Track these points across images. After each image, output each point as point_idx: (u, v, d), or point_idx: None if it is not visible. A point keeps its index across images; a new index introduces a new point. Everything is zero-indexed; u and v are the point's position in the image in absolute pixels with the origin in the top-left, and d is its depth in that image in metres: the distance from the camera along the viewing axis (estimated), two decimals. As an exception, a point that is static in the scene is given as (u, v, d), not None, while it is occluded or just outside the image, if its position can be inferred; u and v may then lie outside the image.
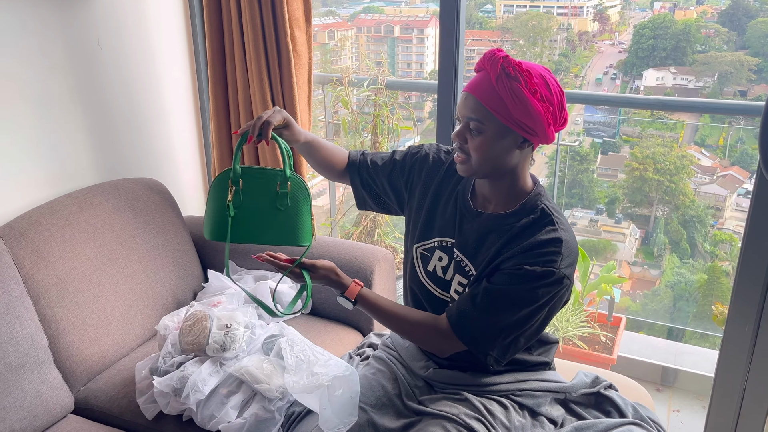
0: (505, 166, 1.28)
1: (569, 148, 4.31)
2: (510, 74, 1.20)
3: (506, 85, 1.19)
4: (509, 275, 1.27)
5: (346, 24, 5.84)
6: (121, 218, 1.93)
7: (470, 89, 1.25)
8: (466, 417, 1.31)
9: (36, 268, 1.68)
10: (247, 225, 1.28)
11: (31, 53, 1.84)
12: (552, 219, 1.29)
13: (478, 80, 1.24)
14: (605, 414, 1.43)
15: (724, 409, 1.83)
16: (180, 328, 1.72)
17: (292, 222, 1.29)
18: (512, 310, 1.27)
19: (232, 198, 1.26)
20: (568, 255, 1.27)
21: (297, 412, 1.56)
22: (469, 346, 1.31)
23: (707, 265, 4.88)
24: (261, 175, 1.28)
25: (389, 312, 1.39)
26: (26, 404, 1.56)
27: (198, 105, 2.51)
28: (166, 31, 2.32)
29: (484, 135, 1.24)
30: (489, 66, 1.22)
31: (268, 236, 1.29)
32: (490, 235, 1.33)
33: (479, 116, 1.23)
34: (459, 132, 1.28)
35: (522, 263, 1.26)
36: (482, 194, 1.38)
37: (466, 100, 1.25)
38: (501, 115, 1.21)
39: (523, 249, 1.27)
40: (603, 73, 5.69)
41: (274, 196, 1.28)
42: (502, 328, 1.28)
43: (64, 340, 1.71)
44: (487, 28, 6.13)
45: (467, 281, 1.36)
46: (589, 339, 2.49)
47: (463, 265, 1.37)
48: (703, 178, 5.24)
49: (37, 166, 1.90)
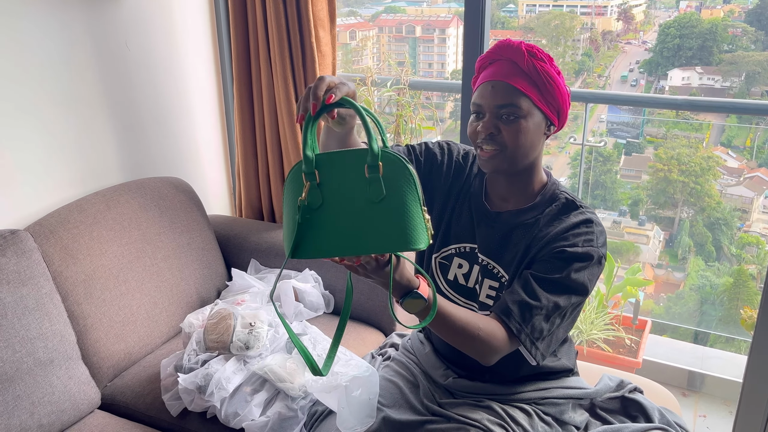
0: (532, 154, 1.26)
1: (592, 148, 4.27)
2: (536, 56, 1.20)
3: (536, 66, 1.20)
4: (552, 261, 1.22)
5: (367, 24, 5.84)
6: (146, 217, 1.95)
7: (496, 77, 1.22)
8: (488, 423, 1.30)
9: (65, 265, 1.71)
10: (331, 232, 0.95)
11: (59, 54, 1.87)
12: (576, 204, 1.29)
13: (501, 68, 1.22)
14: (631, 418, 1.42)
15: (752, 415, 1.80)
16: (204, 326, 1.73)
17: (393, 218, 0.93)
18: (564, 295, 1.21)
19: (307, 196, 0.95)
20: (601, 234, 1.26)
21: (320, 411, 1.57)
22: (524, 342, 1.21)
23: (733, 269, 4.80)
24: (343, 160, 0.96)
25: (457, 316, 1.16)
26: (54, 399, 1.58)
27: (223, 104, 2.53)
28: (192, 32, 2.34)
29: (520, 120, 1.20)
30: (510, 53, 1.21)
31: (363, 244, 0.94)
32: (515, 232, 1.30)
33: (513, 100, 1.20)
34: (487, 124, 1.22)
35: (561, 246, 1.22)
36: (497, 194, 1.35)
37: (495, 89, 1.21)
38: (535, 97, 1.20)
39: (556, 234, 1.24)
40: (629, 70, 5.62)
41: (365, 185, 0.95)
42: (553, 318, 1.23)
43: (91, 336, 1.73)
44: (509, 27, 6.10)
45: (498, 284, 1.32)
46: (614, 342, 2.46)
47: (491, 269, 1.34)
48: (730, 179, 5.16)
49: (65, 165, 1.93)
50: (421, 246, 0.94)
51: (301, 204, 0.95)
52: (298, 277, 2.04)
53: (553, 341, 1.26)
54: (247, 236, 2.23)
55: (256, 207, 2.46)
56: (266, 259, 2.16)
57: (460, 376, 1.43)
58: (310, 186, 0.95)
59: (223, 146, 2.58)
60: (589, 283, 1.24)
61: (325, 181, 0.95)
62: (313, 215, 0.96)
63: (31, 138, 1.83)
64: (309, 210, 0.95)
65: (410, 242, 0.93)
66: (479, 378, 1.41)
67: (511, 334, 1.20)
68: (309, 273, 2.06)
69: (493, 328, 1.19)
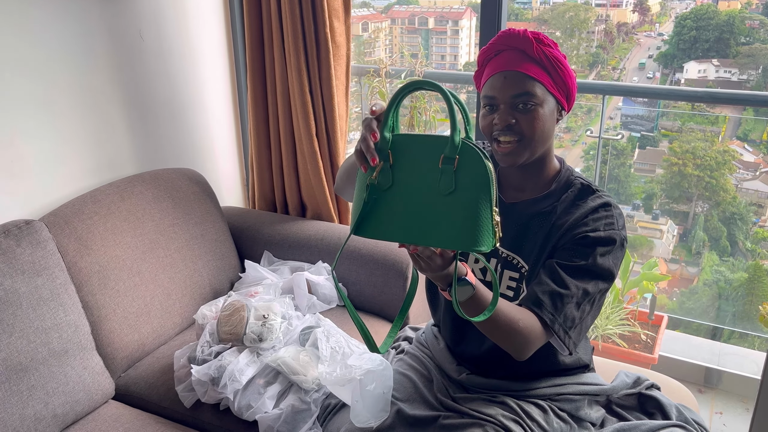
0: (548, 141, 1.26)
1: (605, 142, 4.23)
2: (544, 42, 1.20)
3: (545, 52, 1.20)
4: (576, 248, 1.21)
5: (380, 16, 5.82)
6: (160, 208, 1.95)
7: (507, 67, 1.20)
8: (503, 418, 1.29)
9: (79, 255, 1.71)
10: (396, 216, 0.94)
11: (74, 44, 1.86)
12: (592, 188, 1.28)
13: (510, 58, 1.21)
14: (648, 415, 1.40)
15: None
16: (218, 318, 1.73)
17: (462, 214, 0.91)
18: (592, 281, 1.20)
19: (377, 176, 0.95)
20: (620, 216, 1.25)
21: (333, 404, 1.56)
22: (558, 333, 1.19)
23: (748, 264, 4.75)
24: (420, 145, 0.95)
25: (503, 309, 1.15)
26: (69, 389, 1.59)
27: (236, 95, 2.52)
28: (206, 22, 2.33)
29: (537, 108, 1.20)
30: (517, 42, 1.21)
31: (426, 234, 0.92)
32: (532, 222, 1.29)
33: (529, 89, 1.19)
34: (503, 115, 1.20)
35: (583, 232, 1.21)
36: (512, 185, 1.34)
37: (508, 79, 1.20)
38: (548, 83, 1.20)
39: (576, 220, 1.23)
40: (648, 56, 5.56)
41: (437, 175, 0.93)
42: (583, 306, 1.22)
43: (105, 327, 1.73)
44: (523, 19, 6.05)
45: (519, 275, 1.31)
46: (629, 338, 2.44)
47: (510, 260, 1.33)
48: (746, 174, 5.10)
49: (79, 155, 1.93)
50: (483, 249, 0.91)
51: (370, 183, 0.94)
52: (311, 270, 2.04)
53: (583, 329, 1.24)
54: (261, 228, 2.22)
55: (270, 199, 2.45)
56: (279, 251, 2.16)
57: (473, 372, 1.42)
58: (383, 166, 0.94)
59: (237, 137, 2.58)
60: (614, 267, 1.23)
61: (398, 164, 0.94)
62: (381, 196, 0.95)
63: (46, 129, 1.83)
64: (377, 190, 0.94)
65: (474, 243, 0.90)
66: (493, 374, 1.40)
67: (545, 325, 1.18)
68: (322, 265, 2.05)
69: (530, 320, 1.17)
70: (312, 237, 2.14)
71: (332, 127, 2.22)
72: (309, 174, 2.27)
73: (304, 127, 2.19)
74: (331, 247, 2.09)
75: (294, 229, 2.19)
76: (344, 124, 2.28)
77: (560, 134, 5.95)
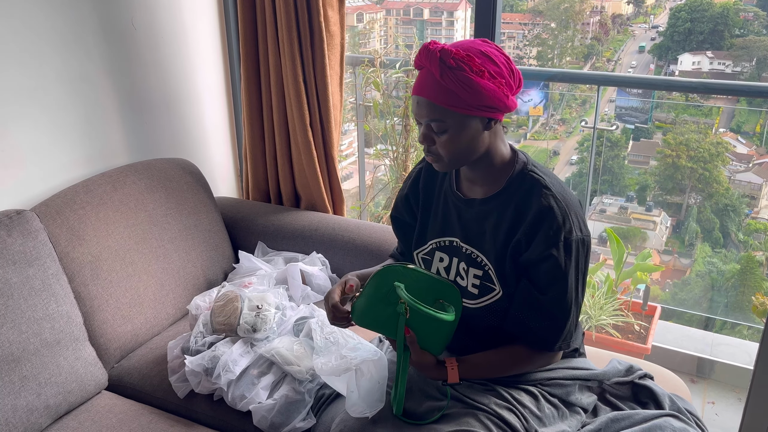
0: (478, 150, 1.26)
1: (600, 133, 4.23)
2: (452, 66, 1.16)
3: (452, 77, 1.16)
4: (545, 269, 1.25)
5: (374, 7, 5.79)
6: (153, 198, 1.94)
7: (419, 92, 1.21)
8: (496, 407, 1.29)
9: (71, 246, 1.70)
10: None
11: (65, 33, 1.84)
12: (542, 184, 1.26)
13: (423, 80, 1.21)
14: (642, 405, 1.40)
15: (762, 402, 1.78)
16: (211, 308, 1.72)
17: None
18: (572, 287, 1.26)
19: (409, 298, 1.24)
20: (575, 215, 1.25)
21: (327, 394, 1.56)
22: (564, 348, 1.34)
23: (741, 255, 4.78)
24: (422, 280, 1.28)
25: (490, 370, 1.35)
26: (61, 380, 1.58)
27: (230, 85, 2.50)
28: (199, 10, 2.31)
29: (448, 132, 1.21)
30: (428, 62, 1.19)
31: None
32: (489, 219, 1.31)
33: (437, 116, 1.20)
34: (424, 135, 1.25)
35: (544, 249, 1.23)
36: (468, 179, 1.36)
37: (419, 104, 1.22)
38: (458, 108, 1.18)
39: (530, 227, 1.25)
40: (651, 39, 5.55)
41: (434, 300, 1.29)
42: (572, 309, 1.28)
43: (98, 317, 1.73)
44: (518, 11, 6.03)
45: (482, 272, 1.33)
46: (623, 328, 2.45)
47: (474, 257, 1.34)
48: (739, 165, 5.11)
49: (71, 145, 1.92)
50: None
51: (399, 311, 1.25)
52: (306, 260, 2.03)
53: (574, 326, 1.33)
54: (255, 218, 2.21)
55: (263, 189, 2.44)
56: (273, 241, 2.15)
57: None
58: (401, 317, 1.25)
59: (230, 127, 2.56)
60: (586, 266, 1.29)
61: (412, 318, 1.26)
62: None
63: (38, 118, 1.81)
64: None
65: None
66: None
67: (552, 352, 1.35)
68: (316, 256, 2.05)
69: (527, 358, 1.34)
70: (306, 227, 2.13)
71: (326, 117, 2.20)
72: (303, 164, 2.26)
73: (298, 117, 2.18)
74: (325, 238, 2.09)
75: (288, 220, 2.18)
76: (338, 114, 2.27)
77: (555, 126, 5.95)
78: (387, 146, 2.64)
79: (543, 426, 1.31)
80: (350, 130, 3.39)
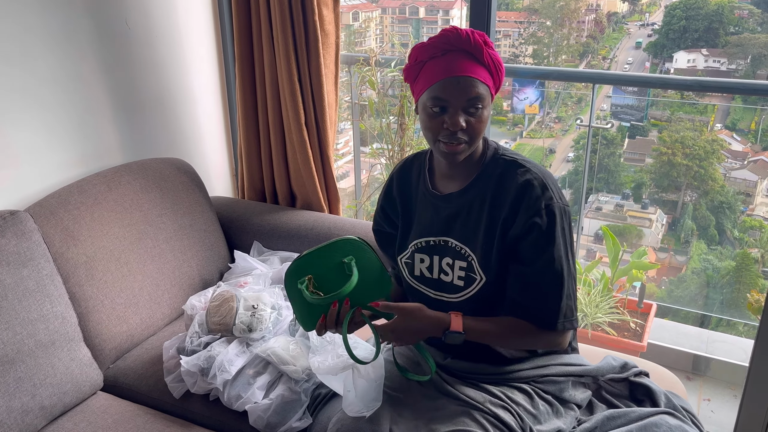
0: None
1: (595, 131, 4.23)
2: (488, 44, 1.24)
3: (491, 56, 1.24)
4: (529, 238, 1.26)
5: (370, 5, 5.78)
6: (148, 198, 1.93)
7: (463, 72, 1.22)
8: (491, 405, 1.29)
9: (66, 246, 1.69)
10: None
11: (58, 32, 1.83)
12: (518, 162, 1.31)
13: (460, 61, 1.22)
14: (638, 402, 1.41)
15: (757, 399, 1.79)
16: (207, 308, 1.72)
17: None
18: (562, 257, 1.27)
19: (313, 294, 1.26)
20: (553, 185, 1.28)
21: (323, 393, 1.56)
22: (567, 328, 1.31)
23: (736, 252, 4.79)
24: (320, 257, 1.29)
25: (494, 335, 1.32)
26: (56, 381, 1.58)
27: (225, 84, 2.49)
28: (194, 9, 2.30)
29: (483, 110, 1.25)
30: (467, 45, 1.23)
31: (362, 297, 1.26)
32: (469, 208, 1.33)
33: (480, 93, 1.23)
34: (457, 119, 1.22)
35: (528, 219, 1.25)
36: (445, 176, 1.37)
37: (462, 84, 1.21)
38: (492, 85, 1.26)
39: (513, 202, 1.27)
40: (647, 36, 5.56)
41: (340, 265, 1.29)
42: (568, 282, 1.28)
43: (93, 318, 1.72)
44: (513, 9, 6.03)
45: (467, 263, 1.33)
46: (619, 326, 2.45)
47: (458, 249, 1.35)
48: (734, 163, 5.13)
49: (65, 145, 1.91)
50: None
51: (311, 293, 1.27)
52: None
53: (573, 299, 1.32)
54: (250, 218, 2.21)
55: (259, 188, 2.43)
56: (269, 241, 2.15)
57: (456, 356, 1.43)
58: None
59: (225, 127, 2.56)
60: (571, 235, 1.30)
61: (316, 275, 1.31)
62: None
63: (31, 118, 1.80)
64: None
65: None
66: (475, 358, 1.41)
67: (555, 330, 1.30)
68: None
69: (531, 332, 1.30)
70: (302, 227, 2.13)
71: (321, 116, 2.20)
72: (298, 163, 2.25)
73: (293, 116, 2.17)
74: (321, 237, 2.08)
75: (284, 219, 2.18)
76: (333, 113, 2.27)
77: (551, 124, 5.95)
78: (383, 145, 2.63)
79: (538, 423, 1.31)
80: (346, 129, 3.39)
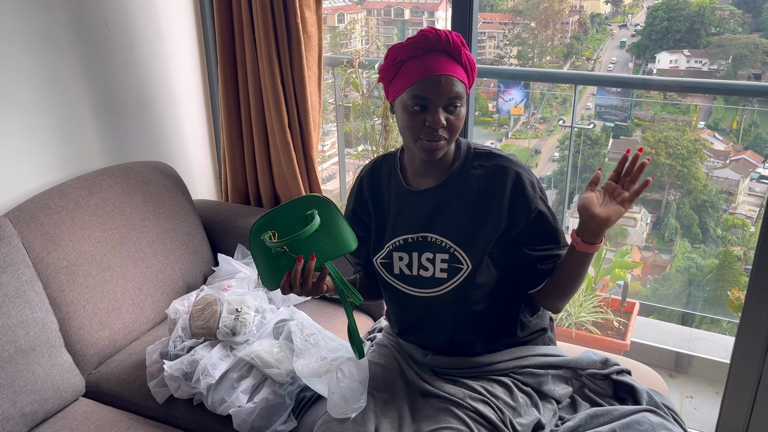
0: None
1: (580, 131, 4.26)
2: (464, 44, 1.28)
3: (467, 56, 1.28)
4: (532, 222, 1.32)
5: (355, 7, 5.78)
6: (130, 202, 1.92)
7: (444, 71, 1.25)
8: (471, 400, 1.31)
9: (46, 251, 1.67)
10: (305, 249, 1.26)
11: (38, 34, 1.82)
12: (491, 153, 1.37)
13: (440, 60, 1.25)
14: (620, 401, 1.42)
15: (739, 396, 1.81)
16: (190, 312, 1.71)
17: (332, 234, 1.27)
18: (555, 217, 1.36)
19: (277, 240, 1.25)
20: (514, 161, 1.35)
21: (308, 396, 1.56)
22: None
23: (719, 250, 4.84)
24: (284, 214, 1.28)
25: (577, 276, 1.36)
26: (37, 388, 1.56)
27: (207, 86, 2.48)
28: (175, 11, 2.29)
29: (462, 108, 1.29)
30: (446, 46, 1.26)
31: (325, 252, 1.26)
32: (449, 201, 1.34)
33: (460, 92, 1.26)
34: (438, 117, 1.25)
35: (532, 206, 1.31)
36: (418, 173, 1.38)
37: (444, 83, 1.24)
38: (468, 84, 1.30)
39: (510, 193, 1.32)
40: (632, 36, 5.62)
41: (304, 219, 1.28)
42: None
43: (74, 323, 1.70)
44: (498, 10, 6.06)
45: (449, 255, 1.34)
46: (602, 324, 2.47)
47: (439, 243, 1.35)
48: (716, 162, 5.19)
49: (45, 149, 1.89)
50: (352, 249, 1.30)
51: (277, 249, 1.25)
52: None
53: None
54: (234, 221, 2.20)
55: (242, 191, 2.43)
56: (253, 244, 2.14)
57: (436, 353, 1.43)
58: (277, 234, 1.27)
59: (208, 129, 2.54)
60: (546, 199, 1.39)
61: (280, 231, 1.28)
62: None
63: (10, 121, 1.78)
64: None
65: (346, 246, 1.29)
66: (454, 352, 1.42)
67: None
68: (296, 258, 2.04)
69: None
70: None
71: (305, 118, 2.20)
72: (282, 166, 2.25)
73: (277, 119, 2.17)
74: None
75: (267, 222, 2.17)
76: (317, 115, 2.26)
77: (536, 124, 5.98)
78: (367, 146, 2.63)
79: (518, 416, 1.32)
80: (332, 131, 3.39)
